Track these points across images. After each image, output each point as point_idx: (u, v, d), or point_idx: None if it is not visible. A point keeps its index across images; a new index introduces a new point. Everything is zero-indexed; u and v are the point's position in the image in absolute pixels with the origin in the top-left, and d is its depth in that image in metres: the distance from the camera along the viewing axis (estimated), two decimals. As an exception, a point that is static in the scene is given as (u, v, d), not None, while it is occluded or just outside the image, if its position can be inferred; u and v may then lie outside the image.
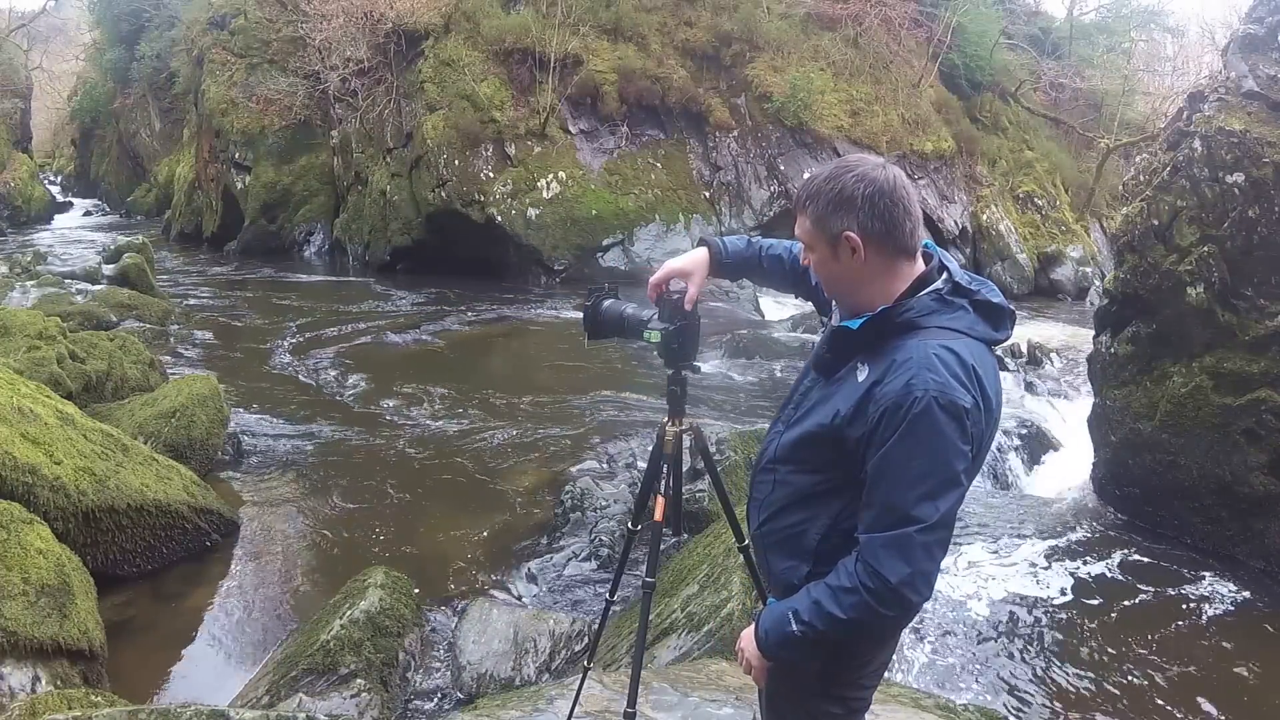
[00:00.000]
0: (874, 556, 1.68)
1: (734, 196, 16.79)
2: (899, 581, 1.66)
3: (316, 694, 3.90)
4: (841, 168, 1.80)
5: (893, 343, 1.74)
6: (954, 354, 1.69)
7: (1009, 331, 1.86)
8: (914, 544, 1.66)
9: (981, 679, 4.41)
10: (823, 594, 1.75)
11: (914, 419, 1.64)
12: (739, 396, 9.39)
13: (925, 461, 1.66)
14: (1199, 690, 4.31)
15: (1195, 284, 5.53)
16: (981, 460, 1.80)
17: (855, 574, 1.70)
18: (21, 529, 4.00)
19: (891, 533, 1.67)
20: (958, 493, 1.70)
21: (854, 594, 1.70)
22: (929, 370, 1.66)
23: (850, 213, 1.75)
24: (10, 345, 6.85)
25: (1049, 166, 20.03)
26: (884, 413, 1.68)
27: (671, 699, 3.31)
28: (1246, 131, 5.34)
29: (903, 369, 1.68)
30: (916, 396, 1.64)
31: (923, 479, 1.66)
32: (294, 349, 11.03)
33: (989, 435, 1.78)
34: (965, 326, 1.76)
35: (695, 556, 4.81)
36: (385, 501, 6.33)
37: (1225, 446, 5.52)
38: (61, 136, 43.55)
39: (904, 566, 1.66)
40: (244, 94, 20.35)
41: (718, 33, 17.58)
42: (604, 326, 2.56)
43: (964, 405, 1.66)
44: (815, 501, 1.86)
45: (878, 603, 1.68)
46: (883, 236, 1.76)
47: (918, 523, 1.66)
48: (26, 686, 3.57)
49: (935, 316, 1.75)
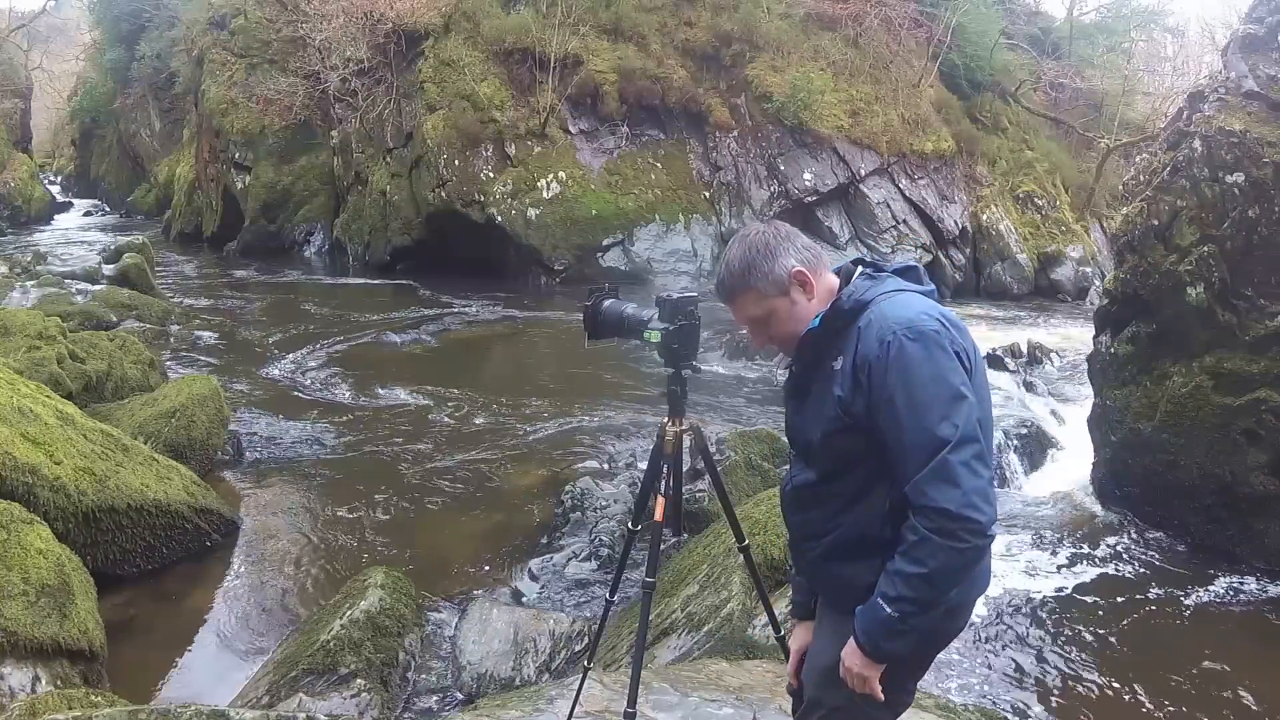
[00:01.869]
0: (922, 496, 1.72)
1: (734, 196, 16.79)
2: (959, 507, 1.69)
3: (316, 694, 3.90)
4: (739, 244, 1.98)
5: (851, 327, 1.88)
6: (901, 301, 1.86)
7: (933, 287, 2.01)
8: (952, 466, 1.71)
9: (981, 679, 4.41)
10: (898, 563, 1.77)
11: (894, 359, 1.76)
12: (739, 396, 9.39)
13: (922, 389, 1.74)
14: (1199, 690, 4.31)
15: (1195, 284, 5.53)
16: (979, 382, 1.87)
17: (916, 525, 1.73)
18: (21, 529, 3.99)
19: (928, 467, 1.71)
20: (966, 404, 1.75)
21: (926, 543, 1.72)
22: (888, 318, 1.81)
23: (784, 256, 1.93)
24: (10, 345, 6.85)
25: (1049, 166, 20.02)
26: (869, 370, 1.79)
27: (671, 699, 3.31)
28: (1246, 131, 5.34)
29: (868, 331, 1.83)
30: (888, 340, 1.77)
31: (927, 406, 1.73)
32: (294, 349, 11.03)
33: (974, 354, 1.87)
34: (899, 286, 1.92)
35: (695, 556, 4.81)
36: (385, 501, 6.33)
37: (1225, 446, 5.52)
38: (61, 136, 43.57)
39: (954, 490, 1.70)
40: (244, 94, 20.35)
41: (718, 33, 17.57)
42: (604, 326, 2.57)
43: (930, 329, 1.78)
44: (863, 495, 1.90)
45: (949, 539, 1.70)
46: (815, 258, 1.97)
47: (944, 444, 1.71)
48: (26, 686, 3.57)
49: (873, 289, 1.90)
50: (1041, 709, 4.20)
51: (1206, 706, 4.19)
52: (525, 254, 16.41)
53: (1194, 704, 4.20)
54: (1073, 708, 4.22)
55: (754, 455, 6.31)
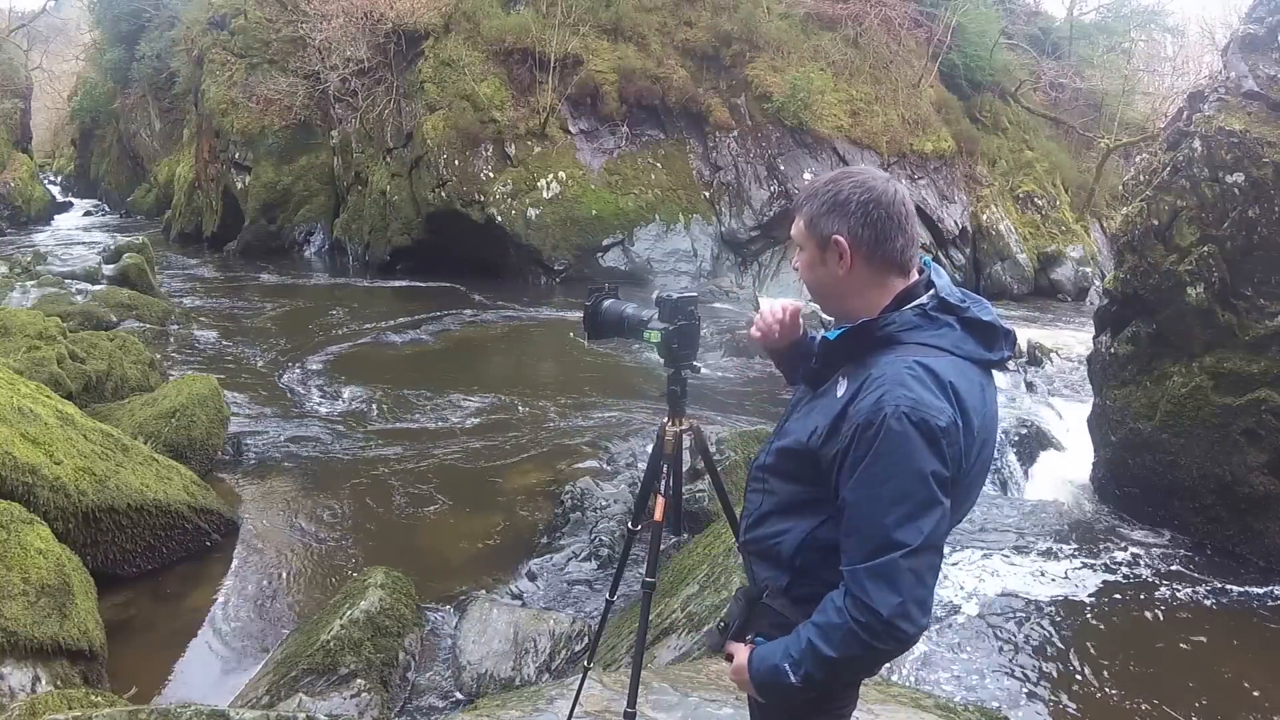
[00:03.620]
0: (861, 589, 1.59)
1: (734, 196, 16.79)
2: (891, 613, 1.57)
3: (316, 694, 3.90)
4: (844, 174, 1.78)
5: (871, 357, 1.70)
6: (929, 370, 1.63)
7: (1005, 353, 1.78)
8: (900, 571, 1.57)
9: (981, 678, 4.41)
10: (813, 634, 1.66)
11: (884, 437, 1.58)
12: (739, 396, 9.39)
13: (900, 482, 1.58)
14: (1199, 689, 4.31)
15: (1195, 284, 5.54)
16: (969, 484, 1.73)
17: (844, 609, 1.61)
18: (21, 529, 4.00)
19: (876, 561, 1.58)
20: (939, 511, 1.60)
21: (844, 630, 1.61)
22: (901, 386, 1.60)
23: (843, 217, 1.73)
24: (10, 345, 6.85)
25: (1049, 166, 20.03)
26: (856, 430, 1.62)
27: (671, 699, 3.31)
28: (1246, 131, 5.34)
29: (875, 385, 1.63)
30: (886, 413, 1.58)
31: (899, 501, 1.58)
32: (294, 349, 11.03)
33: (977, 457, 1.71)
34: (950, 344, 1.70)
35: (695, 556, 4.81)
36: (385, 501, 6.33)
37: (1225, 446, 5.52)
38: (61, 136, 43.54)
39: (894, 596, 1.57)
40: (244, 94, 20.34)
41: (718, 33, 17.57)
42: (604, 326, 2.56)
43: (937, 424, 1.58)
44: (795, 512, 1.81)
45: (871, 637, 1.59)
46: (871, 246, 1.73)
47: (901, 547, 1.57)
48: (26, 686, 3.57)
49: (917, 332, 1.70)
50: (1041, 708, 4.21)
51: (1206, 706, 4.19)
52: (525, 254, 16.41)
53: (1194, 704, 4.21)
54: (1072, 707, 4.23)
55: (754, 455, 6.31)
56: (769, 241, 16.63)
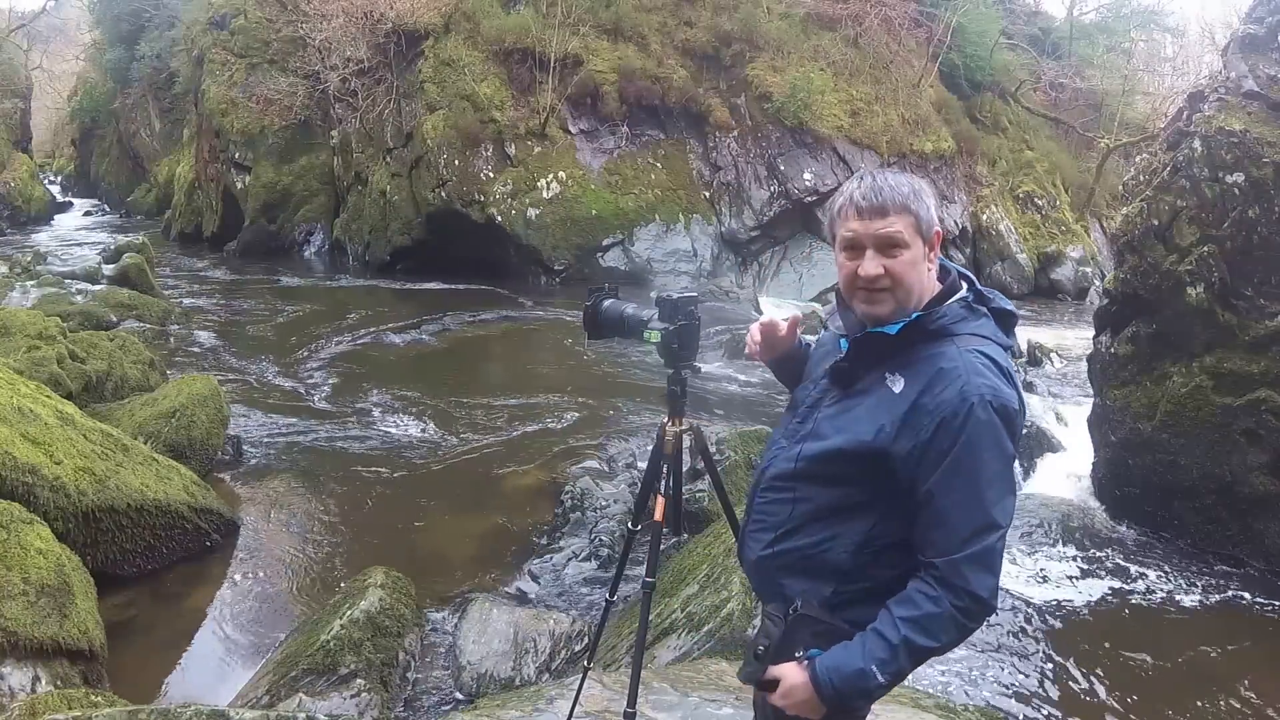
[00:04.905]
0: (961, 577, 1.64)
1: (734, 196, 16.79)
2: (990, 595, 1.66)
3: (316, 694, 3.90)
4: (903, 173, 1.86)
5: (925, 351, 1.73)
6: (991, 360, 1.71)
7: (1015, 338, 1.90)
8: (995, 553, 1.67)
9: (981, 679, 4.41)
10: (908, 630, 1.66)
11: (973, 426, 1.64)
12: (739, 396, 9.39)
13: (991, 467, 1.66)
14: (1198, 690, 4.31)
15: (1195, 284, 5.54)
16: None
17: (941, 597, 1.65)
18: (21, 529, 4.00)
19: (977, 548, 1.64)
20: (1014, 495, 1.73)
21: (944, 619, 1.65)
22: (978, 375, 1.67)
23: (934, 209, 1.82)
24: (10, 345, 6.85)
25: (1049, 166, 20.03)
26: (940, 423, 1.66)
27: (671, 699, 3.31)
28: (1246, 131, 5.34)
29: (951, 377, 1.67)
30: (973, 403, 1.64)
31: (991, 485, 1.66)
32: (294, 349, 11.03)
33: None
34: (990, 333, 1.78)
35: (695, 556, 4.81)
36: (385, 502, 6.33)
37: (1225, 446, 5.52)
38: (61, 136, 43.53)
39: (991, 578, 1.66)
40: (244, 94, 20.34)
41: (718, 33, 17.58)
42: (604, 326, 2.57)
43: (1014, 407, 1.68)
44: (842, 516, 1.78)
45: (969, 620, 1.66)
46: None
47: (997, 529, 1.66)
48: (26, 686, 3.57)
49: (965, 324, 1.77)
50: (1041, 708, 4.21)
51: (1206, 706, 4.19)
52: (525, 254, 16.42)
53: (1194, 704, 4.21)
54: (1072, 707, 4.23)
55: (754, 455, 6.31)
56: (769, 241, 16.64)
